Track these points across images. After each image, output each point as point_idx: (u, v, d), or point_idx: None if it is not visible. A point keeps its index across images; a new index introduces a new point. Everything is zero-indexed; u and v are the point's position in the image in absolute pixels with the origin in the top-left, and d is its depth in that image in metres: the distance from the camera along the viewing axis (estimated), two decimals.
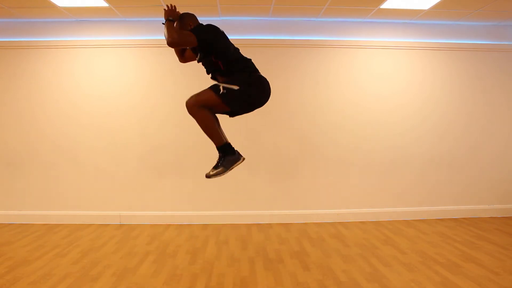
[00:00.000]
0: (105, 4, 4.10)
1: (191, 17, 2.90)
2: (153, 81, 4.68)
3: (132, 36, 4.64)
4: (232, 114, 2.86)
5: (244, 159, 2.88)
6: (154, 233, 4.29)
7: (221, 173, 2.77)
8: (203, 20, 4.63)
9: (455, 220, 4.77)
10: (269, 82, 4.57)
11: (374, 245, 3.81)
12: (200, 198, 4.72)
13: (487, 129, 4.90)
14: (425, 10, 4.33)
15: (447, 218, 4.82)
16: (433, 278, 2.96)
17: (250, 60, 2.91)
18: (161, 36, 4.66)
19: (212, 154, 4.76)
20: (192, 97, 2.77)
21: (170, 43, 2.59)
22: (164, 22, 2.66)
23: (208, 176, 2.79)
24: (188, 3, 4.13)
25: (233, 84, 2.70)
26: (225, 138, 2.89)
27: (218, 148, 2.86)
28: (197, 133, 4.69)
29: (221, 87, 2.69)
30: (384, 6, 4.21)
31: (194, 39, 2.63)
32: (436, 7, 4.22)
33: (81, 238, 4.07)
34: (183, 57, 3.19)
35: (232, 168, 2.79)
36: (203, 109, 2.76)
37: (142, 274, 3.09)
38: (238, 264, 3.33)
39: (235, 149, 2.89)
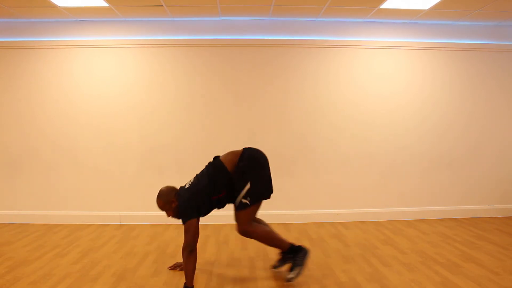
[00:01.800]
0: (105, 4, 4.10)
1: (166, 195, 2.97)
2: (153, 81, 4.68)
3: (132, 36, 4.64)
4: (267, 198, 2.95)
5: (309, 250, 3.05)
6: (154, 233, 4.29)
7: (301, 272, 2.89)
8: (203, 19, 4.67)
9: (455, 220, 4.77)
10: (269, 82, 4.64)
11: (374, 245, 3.80)
12: None
13: (488, 129, 4.90)
14: (425, 10, 4.33)
15: (447, 218, 4.83)
16: (433, 278, 2.96)
17: (224, 170, 2.93)
18: (161, 36, 4.68)
19: (212, 154, 4.77)
20: (239, 225, 2.90)
21: (193, 244, 2.69)
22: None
23: (289, 279, 2.85)
24: (188, 3, 4.14)
25: (243, 187, 2.84)
26: (287, 241, 3.00)
27: (286, 253, 3.00)
28: (197, 133, 4.71)
29: (243, 201, 2.85)
30: (384, 6, 4.21)
31: (195, 220, 2.76)
32: (436, 7, 4.22)
33: (81, 238, 4.07)
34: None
35: (306, 262, 2.94)
36: (254, 226, 2.90)
37: (142, 274, 3.09)
38: (238, 264, 3.33)
39: (297, 245, 3.00)
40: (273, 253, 3.57)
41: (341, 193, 4.81)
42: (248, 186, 2.83)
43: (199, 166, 4.69)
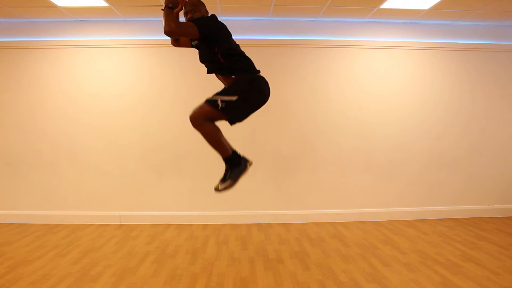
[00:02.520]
0: (105, 4, 4.10)
1: (203, 5, 2.79)
2: (153, 81, 4.68)
3: (132, 36, 4.64)
4: (232, 123, 2.79)
5: (251, 163, 2.84)
6: (154, 233, 4.29)
7: (230, 186, 2.73)
8: None
9: (455, 220, 4.77)
10: (269, 82, 4.54)
11: (374, 245, 3.80)
12: (200, 198, 4.72)
13: (487, 129, 4.90)
14: (425, 10, 4.33)
15: (447, 218, 4.82)
16: (433, 278, 2.96)
17: (249, 59, 2.86)
18: (161, 36, 4.66)
19: (212, 154, 4.76)
20: (194, 112, 2.69)
21: (167, 32, 2.48)
22: (163, 8, 2.53)
23: (217, 189, 2.74)
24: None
25: (230, 94, 2.65)
26: (230, 148, 2.84)
27: (224, 160, 2.81)
28: (197, 133, 4.70)
29: (219, 102, 2.63)
30: (384, 6, 4.21)
31: (196, 31, 2.54)
32: (436, 7, 4.22)
33: (81, 238, 4.07)
34: (177, 42, 3.03)
35: (240, 178, 2.76)
36: (207, 122, 2.71)
37: (142, 274, 3.09)
38: (238, 264, 3.33)
39: (241, 155, 2.84)
40: (273, 253, 3.58)
41: (341, 193, 4.81)
42: (234, 97, 2.62)
43: (199, 165, 4.72)
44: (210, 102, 2.64)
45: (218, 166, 4.83)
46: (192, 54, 4.70)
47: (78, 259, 3.43)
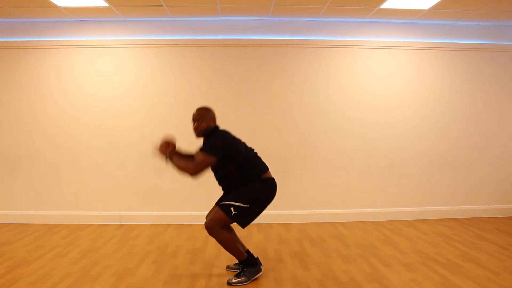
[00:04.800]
0: (105, 4, 4.10)
1: (209, 112, 2.97)
2: (153, 81, 4.68)
3: (132, 36, 4.64)
4: (244, 226, 2.95)
5: (262, 268, 3.05)
6: (154, 233, 4.29)
7: (243, 283, 2.89)
8: (203, 19, 4.66)
9: (455, 220, 4.77)
10: (269, 82, 4.65)
11: (374, 245, 3.81)
12: (200, 198, 4.71)
13: (487, 129, 4.90)
14: (425, 10, 4.33)
15: (447, 218, 4.82)
16: (433, 278, 2.96)
17: (258, 159, 3.03)
18: (161, 36, 4.68)
19: None
20: (209, 221, 2.89)
21: (194, 177, 2.74)
22: (166, 162, 2.78)
23: (230, 283, 2.89)
24: (188, 3, 4.14)
25: (243, 202, 2.84)
26: (245, 250, 3.05)
27: (241, 262, 2.99)
28: None
29: (232, 209, 2.82)
30: (384, 6, 4.21)
31: (212, 160, 2.75)
32: (436, 7, 4.22)
33: (81, 238, 4.07)
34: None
35: (255, 279, 2.95)
36: (222, 230, 2.89)
37: (142, 274, 3.09)
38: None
39: (255, 257, 3.05)
40: (273, 253, 3.58)
41: (341, 193, 4.81)
42: (245, 205, 2.84)
43: None
44: (223, 208, 2.84)
45: None
46: (192, 54, 4.71)
47: (78, 259, 3.43)
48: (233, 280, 2.89)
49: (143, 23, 4.64)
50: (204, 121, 2.92)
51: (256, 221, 4.65)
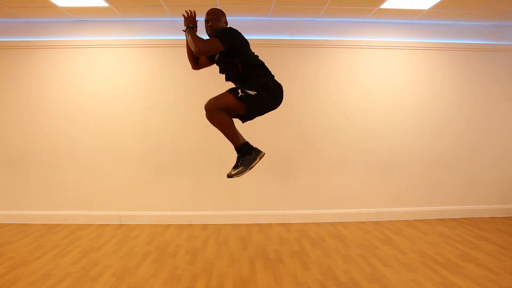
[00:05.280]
0: (105, 4, 4.10)
1: (224, 15, 2.92)
2: (153, 81, 4.68)
3: (132, 36, 4.64)
4: (244, 119, 2.92)
5: (263, 154, 2.95)
6: (154, 233, 4.29)
7: (242, 172, 2.81)
8: (202, 20, 4.65)
9: (455, 220, 4.77)
10: None
11: (374, 245, 3.80)
12: (200, 198, 4.72)
13: (487, 129, 4.90)
14: (425, 10, 4.33)
15: (447, 218, 4.82)
16: (433, 278, 2.96)
17: (266, 67, 2.96)
18: (161, 36, 4.67)
19: (212, 154, 4.77)
20: (211, 100, 2.81)
21: (198, 52, 2.69)
22: (185, 29, 2.72)
23: (229, 175, 2.82)
24: (189, 3, 4.13)
25: (250, 89, 2.76)
26: (243, 138, 2.95)
27: (236, 149, 2.90)
28: (196, 132, 4.71)
29: (239, 91, 2.75)
30: (384, 6, 4.21)
31: (220, 45, 2.69)
32: (436, 7, 4.22)
33: (81, 238, 4.07)
34: (197, 64, 3.18)
35: (252, 166, 2.86)
36: (222, 112, 2.82)
37: (142, 274, 3.09)
38: (238, 264, 3.33)
39: (253, 146, 2.96)
40: (273, 253, 3.58)
41: (341, 193, 4.80)
42: (253, 92, 2.75)
43: (199, 166, 4.71)
44: (231, 91, 2.76)
45: (218, 166, 4.85)
46: None
47: (78, 259, 3.43)
48: (232, 172, 2.80)
49: (143, 23, 4.64)
50: (219, 21, 2.83)
51: (256, 221, 4.70)
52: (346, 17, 4.61)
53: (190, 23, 2.74)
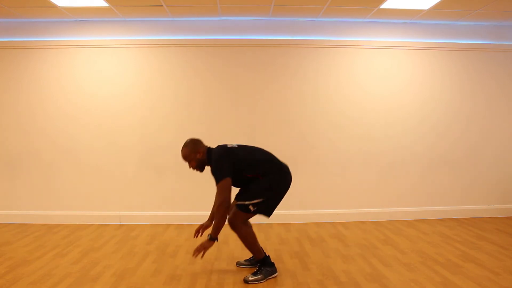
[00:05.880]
0: (105, 4, 4.10)
1: (194, 147, 3.01)
2: (153, 81, 4.68)
3: (132, 36, 4.64)
4: (268, 216, 3.06)
5: (277, 274, 3.06)
6: (154, 233, 4.29)
7: (259, 281, 2.93)
8: (203, 19, 4.66)
9: (455, 220, 4.77)
10: (269, 82, 4.60)
11: (374, 245, 3.81)
12: (200, 198, 4.72)
13: (487, 129, 4.90)
14: (425, 10, 4.33)
15: (447, 218, 4.82)
16: (433, 278, 2.96)
17: (267, 159, 3.07)
18: (161, 36, 4.67)
19: None
20: (232, 216, 2.97)
21: (227, 207, 2.79)
22: (215, 239, 2.85)
23: (246, 281, 2.92)
24: (188, 3, 4.14)
25: (256, 198, 2.91)
26: (264, 252, 3.08)
27: (258, 261, 3.04)
28: (197, 133, 4.70)
29: (250, 207, 2.91)
30: (384, 6, 4.21)
31: (230, 180, 2.80)
32: (436, 7, 4.22)
33: (81, 238, 4.07)
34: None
35: (270, 278, 2.97)
36: (245, 225, 3.00)
37: (142, 274, 3.09)
38: None
39: (272, 262, 3.09)
40: (273, 253, 3.58)
41: (341, 193, 4.81)
42: (261, 200, 2.91)
43: None
44: (243, 209, 2.92)
45: None
46: (192, 54, 4.71)
47: (78, 259, 3.43)
48: (250, 278, 2.91)
49: (143, 23, 4.64)
50: (192, 159, 2.98)
51: (256, 221, 4.69)
52: (346, 17, 4.61)
53: (212, 238, 2.84)
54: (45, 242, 3.94)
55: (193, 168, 3.01)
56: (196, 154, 2.97)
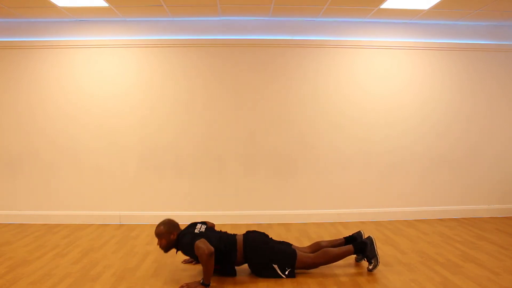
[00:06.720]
0: (105, 4, 4.10)
1: (170, 228, 3.03)
2: (153, 81, 4.68)
3: (132, 36, 4.64)
4: (295, 255, 3.06)
5: (370, 237, 3.17)
6: (154, 233, 4.28)
7: (377, 262, 3.08)
8: (203, 19, 4.66)
9: (455, 220, 4.77)
10: (269, 82, 4.57)
11: None
12: (199, 198, 4.72)
13: (487, 129, 4.90)
14: (425, 10, 4.33)
15: (447, 218, 4.82)
16: (433, 278, 2.96)
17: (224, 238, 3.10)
18: (161, 36, 4.68)
19: (212, 154, 4.77)
20: (307, 268, 3.09)
21: (211, 252, 2.77)
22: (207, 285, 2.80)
23: (370, 270, 3.08)
24: (188, 3, 4.14)
25: (276, 273, 3.01)
26: (348, 245, 3.15)
27: (355, 254, 3.15)
28: (197, 133, 4.71)
29: (285, 274, 3.00)
30: (384, 6, 4.21)
31: (204, 240, 2.85)
32: (436, 7, 4.22)
33: (81, 238, 4.07)
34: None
35: (376, 250, 3.10)
36: (314, 256, 3.07)
37: (142, 274, 3.09)
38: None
39: (361, 240, 3.20)
40: None
41: (341, 193, 4.81)
42: (276, 266, 2.99)
43: (199, 166, 4.71)
44: (291, 275, 3.00)
45: (218, 166, 4.86)
46: (192, 54, 4.71)
47: (78, 259, 3.43)
48: (371, 267, 3.07)
49: (143, 23, 4.64)
50: (164, 238, 2.99)
51: (256, 221, 4.71)
52: (346, 17, 4.61)
53: (205, 284, 2.78)
54: (45, 242, 3.93)
55: (160, 246, 3.01)
56: (170, 235, 3.00)
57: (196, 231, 3.01)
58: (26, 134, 4.68)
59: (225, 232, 3.17)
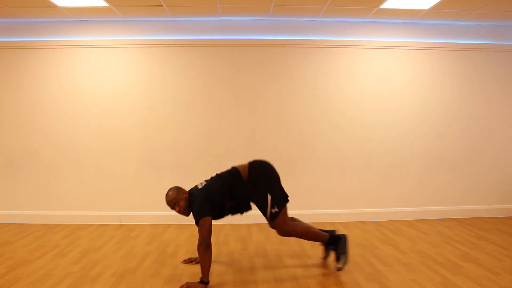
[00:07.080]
0: (105, 4, 4.10)
1: (177, 195, 3.06)
2: (153, 81, 4.68)
3: (132, 36, 4.64)
4: (287, 199, 3.15)
5: (346, 235, 3.18)
6: (154, 233, 4.29)
7: (346, 259, 3.07)
8: (203, 19, 4.67)
9: (455, 220, 4.77)
10: (269, 82, 4.55)
11: (374, 245, 3.80)
12: None
13: (488, 129, 4.90)
14: (425, 10, 4.33)
15: (447, 218, 4.83)
16: (433, 278, 2.96)
17: (235, 184, 3.09)
18: (161, 36, 4.68)
19: (212, 154, 4.77)
20: (278, 230, 3.06)
21: (208, 241, 2.78)
22: (206, 283, 2.80)
23: (340, 269, 3.06)
24: (188, 3, 4.14)
25: (266, 200, 3.02)
26: (325, 232, 3.17)
27: (327, 245, 3.19)
28: (197, 133, 4.71)
29: (273, 211, 3.01)
30: (384, 6, 4.21)
31: (209, 218, 2.88)
32: (436, 7, 4.22)
33: (81, 238, 4.07)
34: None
35: (348, 247, 3.12)
36: (292, 225, 3.09)
37: (142, 274, 3.09)
38: (238, 264, 3.33)
39: (336, 233, 3.17)
40: (273, 253, 3.58)
41: (341, 193, 4.81)
42: (269, 197, 3.00)
43: (199, 166, 4.71)
44: (273, 217, 3.02)
45: (218, 166, 4.84)
46: (192, 54, 4.71)
47: (78, 259, 3.43)
48: (339, 265, 3.04)
49: (143, 23, 4.64)
50: (178, 202, 3.03)
51: (256, 221, 4.71)
52: (346, 17, 4.61)
53: (203, 282, 2.79)
54: (45, 242, 3.94)
55: (180, 212, 3.04)
56: (180, 201, 3.04)
57: (199, 186, 3.07)
58: (26, 134, 4.68)
59: (226, 170, 3.18)
